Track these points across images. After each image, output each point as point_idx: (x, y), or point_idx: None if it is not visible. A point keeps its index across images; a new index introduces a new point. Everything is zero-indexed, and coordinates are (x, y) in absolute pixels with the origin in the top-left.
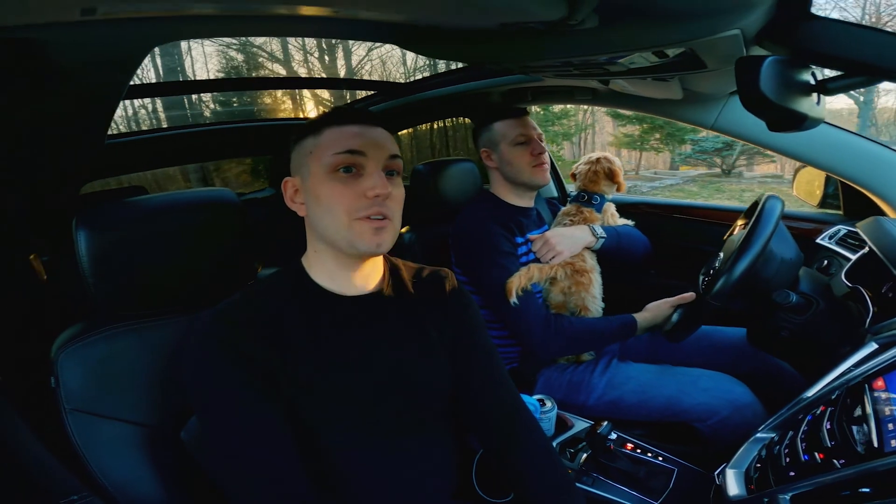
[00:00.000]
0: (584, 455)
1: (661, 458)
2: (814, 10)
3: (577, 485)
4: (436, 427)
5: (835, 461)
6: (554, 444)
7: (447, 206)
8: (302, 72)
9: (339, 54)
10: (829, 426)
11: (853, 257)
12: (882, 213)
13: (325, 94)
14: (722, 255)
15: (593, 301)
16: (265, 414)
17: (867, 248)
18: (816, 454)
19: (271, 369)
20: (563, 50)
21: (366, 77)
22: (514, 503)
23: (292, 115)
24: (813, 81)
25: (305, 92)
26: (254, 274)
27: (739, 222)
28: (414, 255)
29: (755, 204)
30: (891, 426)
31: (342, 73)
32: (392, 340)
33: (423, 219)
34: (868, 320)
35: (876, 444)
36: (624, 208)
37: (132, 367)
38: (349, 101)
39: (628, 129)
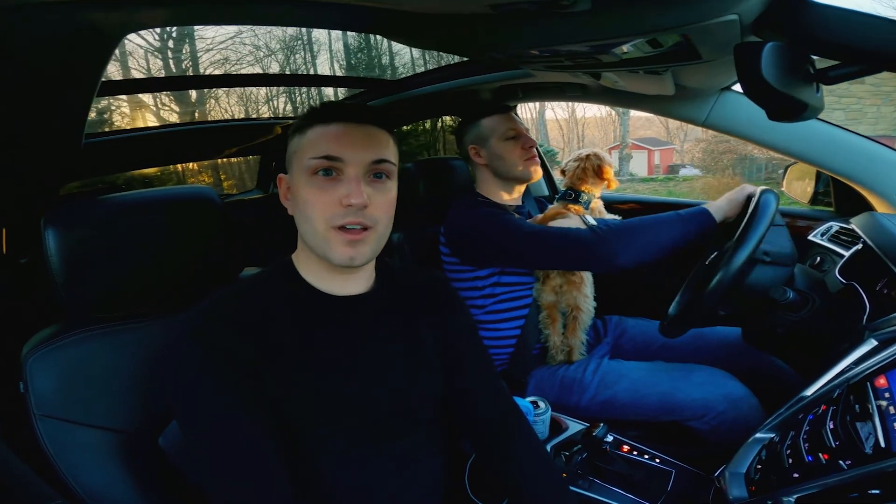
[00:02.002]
0: (580, 458)
1: (658, 460)
2: None
3: (573, 488)
4: (426, 431)
5: (840, 462)
6: (549, 446)
7: (437, 205)
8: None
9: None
10: (832, 426)
11: (846, 254)
12: (873, 209)
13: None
14: (716, 253)
15: (585, 300)
16: (251, 417)
17: (860, 244)
18: (821, 455)
19: (258, 369)
20: (554, 36)
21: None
22: None
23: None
24: (812, 70)
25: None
26: (236, 274)
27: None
28: (403, 255)
29: (749, 198)
30: None
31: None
32: (383, 343)
33: (412, 219)
34: (865, 317)
35: (883, 444)
36: (613, 205)
37: (107, 371)
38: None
39: None
